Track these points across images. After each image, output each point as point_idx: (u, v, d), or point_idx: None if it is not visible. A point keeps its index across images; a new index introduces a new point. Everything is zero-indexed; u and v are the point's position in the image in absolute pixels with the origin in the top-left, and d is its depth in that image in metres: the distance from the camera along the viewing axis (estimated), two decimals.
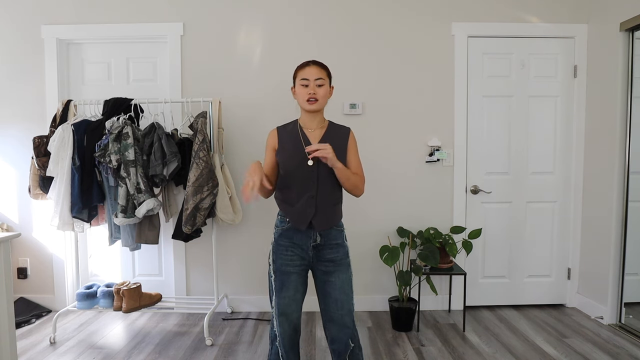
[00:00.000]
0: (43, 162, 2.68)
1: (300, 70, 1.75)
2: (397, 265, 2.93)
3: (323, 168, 1.72)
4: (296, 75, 1.77)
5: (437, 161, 3.11)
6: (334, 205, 1.80)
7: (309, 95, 1.71)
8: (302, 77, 1.72)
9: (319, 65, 1.75)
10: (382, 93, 3.10)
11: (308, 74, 1.71)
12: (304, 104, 1.73)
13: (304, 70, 1.73)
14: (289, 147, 1.75)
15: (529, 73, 3.12)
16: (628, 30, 2.73)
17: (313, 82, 1.71)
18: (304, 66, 1.74)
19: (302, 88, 1.72)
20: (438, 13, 3.08)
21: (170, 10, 3.07)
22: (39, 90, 3.09)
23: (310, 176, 1.72)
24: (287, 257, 1.75)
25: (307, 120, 1.79)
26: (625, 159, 2.77)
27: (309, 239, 1.75)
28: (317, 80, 1.71)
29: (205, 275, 3.16)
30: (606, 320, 2.87)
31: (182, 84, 3.08)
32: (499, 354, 2.47)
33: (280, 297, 1.73)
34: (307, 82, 1.71)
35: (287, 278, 1.74)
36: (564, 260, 3.22)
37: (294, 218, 1.74)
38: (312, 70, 1.72)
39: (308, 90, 1.71)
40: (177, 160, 2.59)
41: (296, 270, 1.75)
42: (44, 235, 3.15)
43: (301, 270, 1.77)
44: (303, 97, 1.72)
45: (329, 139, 1.77)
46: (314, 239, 1.75)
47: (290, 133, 1.79)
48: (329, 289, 1.75)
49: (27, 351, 2.51)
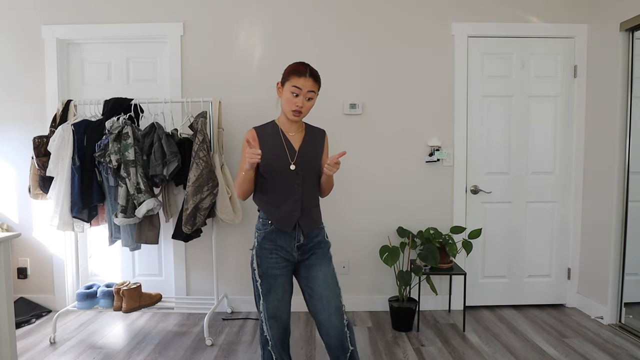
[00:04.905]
0: (43, 162, 2.68)
1: (295, 77, 1.68)
2: (397, 265, 2.93)
3: (307, 171, 1.75)
4: (289, 77, 1.70)
5: (437, 161, 3.11)
6: (317, 207, 1.83)
7: (297, 107, 1.69)
8: (295, 85, 1.67)
9: (314, 78, 1.71)
10: (382, 93, 3.10)
11: (302, 84, 1.68)
12: (289, 112, 1.72)
13: (299, 80, 1.68)
14: (272, 151, 1.72)
15: (529, 73, 3.12)
16: (628, 30, 2.73)
17: (304, 95, 1.68)
18: (300, 74, 1.68)
19: (291, 96, 1.69)
20: (438, 13, 3.08)
21: (170, 10, 3.07)
22: (39, 90, 3.09)
23: (295, 179, 1.73)
24: (272, 260, 1.74)
25: (287, 124, 1.79)
26: (625, 159, 2.77)
27: (292, 240, 1.74)
28: (309, 93, 1.69)
29: (205, 275, 3.16)
30: (606, 320, 2.87)
31: (182, 84, 3.08)
32: (499, 354, 2.47)
33: (269, 301, 1.73)
34: (298, 92, 1.68)
35: (274, 281, 1.73)
36: (564, 260, 3.22)
37: (280, 220, 1.73)
38: (308, 82, 1.68)
39: (297, 101, 1.68)
40: (177, 160, 2.59)
41: (282, 272, 1.74)
42: (44, 235, 3.15)
43: (287, 272, 1.76)
44: (290, 105, 1.70)
45: (309, 142, 1.79)
46: (297, 240, 1.75)
47: (270, 136, 1.76)
48: (313, 285, 1.73)
49: (27, 351, 2.52)
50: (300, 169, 1.73)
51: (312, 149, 1.79)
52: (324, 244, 1.81)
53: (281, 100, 1.75)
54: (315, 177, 1.79)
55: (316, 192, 1.83)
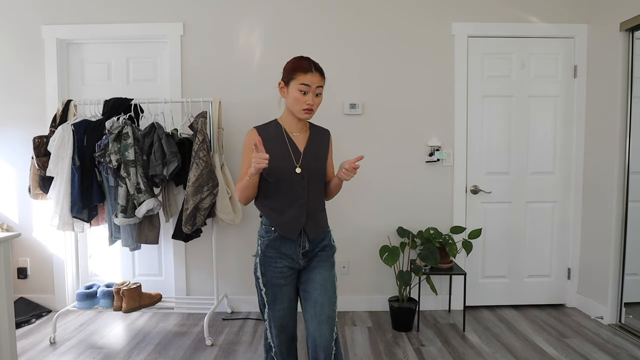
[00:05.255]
0: (43, 162, 2.68)
1: (302, 73, 1.58)
2: (397, 265, 2.93)
3: (312, 174, 1.66)
4: (294, 75, 1.59)
5: (437, 161, 3.11)
6: (322, 210, 1.75)
7: (308, 105, 1.59)
8: (303, 82, 1.57)
9: (321, 73, 1.62)
10: (382, 93, 3.10)
11: (310, 81, 1.58)
12: (299, 112, 1.61)
13: (306, 76, 1.58)
14: (276, 153, 1.61)
15: (529, 73, 3.12)
16: (628, 30, 2.73)
17: (313, 91, 1.59)
18: (305, 70, 1.58)
19: (300, 94, 1.58)
20: (438, 13, 3.08)
21: (170, 10, 3.07)
22: (39, 90, 3.09)
23: (300, 183, 1.64)
24: (276, 269, 1.65)
25: (292, 124, 1.68)
26: (625, 159, 2.77)
27: (297, 246, 1.66)
28: (317, 88, 1.60)
29: (205, 275, 3.16)
30: (606, 320, 2.87)
31: (182, 84, 3.08)
32: (499, 354, 2.47)
33: (275, 310, 1.67)
34: (307, 89, 1.58)
35: (279, 290, 1.66)
36: (564, 260, 3.22)
37: (285, 227, 1.64)
38: (315, 78, 1.59)
39: (306, 99, 1.58)
40: (177, 160, 2.60)
41: (287, 281, 1.67)
42: (44, 235, 3.15)
43: (292, 280, 1.69)
44: (299, 104, 1.59)
45: (314, 143, 1.71)
46: (303, 246, 1.66)
47: (273, 136, 1.66)
48: (309, 288, 1.65)
49: (27, 351, 2.52)
50: (306, 171, 1.64)
51: (317, 150, 1.70)
52: (328, 248, 1.73)
53: (287, 100, 1.64)
54: (321, 179, 1.71)
55: (322, 195, 1.74)
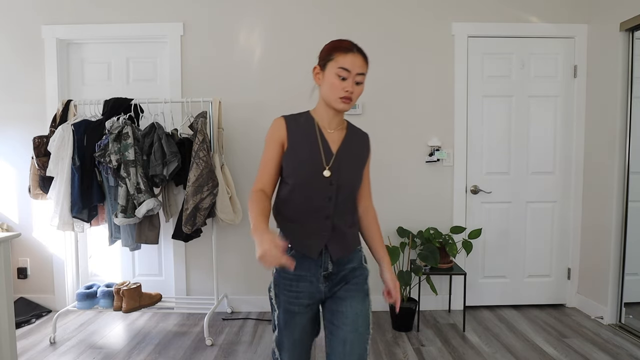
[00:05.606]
0: (43, 162, 2.68)
1: (341, 55, 1.30)
2: (397, 265, 2.93)
3: (343, 181, 1.35)
4: (331, 56, 1.32)
5: (437, 161, 3.11)
6: (352, 227, 1.42)
7: (347, 93, 1.29)
8: (342, 66, 1.29)
9: (364, 56, 1.33)
10: (382, 93, 3.10)
11: (351, 64, 1.29)
12: (335, 100, 1.31)
13: (347, 58, 1.29)
14: (303, 150, 1.34)
15: (529, 73, 3.12)
16: (628, 30, 2.73)
17: (354, 77, 1.30)
18: (346, 50, 1.30)
19: (338, 79, 1.30)
20: (438, 13, 3.08)
21: (170, 10, 3.07)
22: (39, 90, 3.09)
23: (327, 190, 1.33)
24: (292, 294, 1.36)
25: (327, 118, 1.38)
26: (625, 159, 2.77)
27: (318, 267, 1.35)
28: (358, 76, 1.30)
29: (205, 275, 3.16)
30: (606, 320, 2.87)
31: (182, 84, 3.08)
32: (499, 354, 2.47)
33: (284, 336, 1.38)
34: (346, 74, 1.29)
35: (291, 318, 1.36)
36: (564, 260, 3.22)
37: (303, 243, 1.34)
38: (357, 60, 1.30)
39: (345, 85, 1.29)
40: (177, 160, 2.60)
41: (302, 310, 1.36)
42: (44, 235, 3.15)
43: (310, 310, 1.38)
44: (336, 91, 1.30)
45: (350, 145, 1.40)
46: (325, 268, 1.35)
47: (304, 131, 1.36)
48: (338, 322, 1.34)
49: (27, 351, 2.52)
50: (336, 176, 1.33)
51: (353, 153, 1.40)
52: (360, 272, 1.41)
53: (321, 87, 1.36)
54: (353, 190, 1.40)
55: (353, 209, 1.44)
